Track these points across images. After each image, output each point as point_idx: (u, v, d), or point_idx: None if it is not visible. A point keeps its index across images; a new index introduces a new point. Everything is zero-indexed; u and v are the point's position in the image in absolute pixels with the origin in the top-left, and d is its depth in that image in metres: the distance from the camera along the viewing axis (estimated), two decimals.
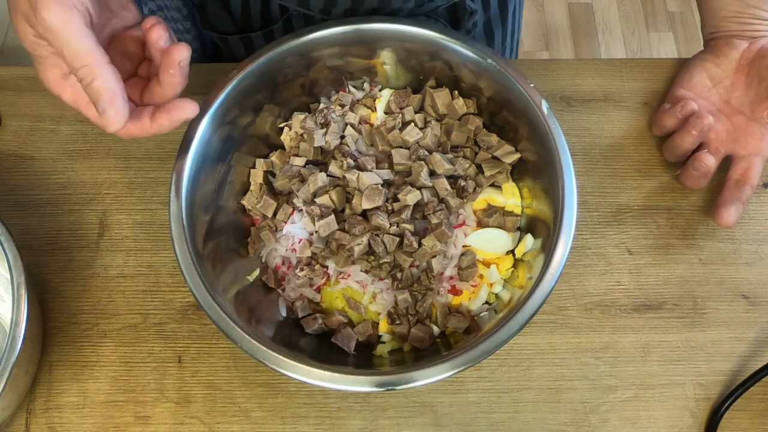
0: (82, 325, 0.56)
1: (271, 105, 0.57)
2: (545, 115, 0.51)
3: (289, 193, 0.56)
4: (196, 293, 0.47)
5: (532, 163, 0.55)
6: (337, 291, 0.55)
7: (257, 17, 0.64)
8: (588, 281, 0.58)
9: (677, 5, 1.79)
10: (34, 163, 0.62)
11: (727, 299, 0.57)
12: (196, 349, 0.55)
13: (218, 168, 0.54)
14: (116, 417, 0.53)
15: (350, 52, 0.57)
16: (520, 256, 0.54)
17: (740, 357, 0.55)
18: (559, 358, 0.55)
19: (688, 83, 0.61)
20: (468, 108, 0.57)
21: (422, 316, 0.53)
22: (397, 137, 0.56)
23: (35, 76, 0.65)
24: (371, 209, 0.53)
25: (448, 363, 0.45)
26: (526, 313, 0.46)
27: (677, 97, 0.61)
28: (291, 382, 0.53)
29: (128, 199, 0.61)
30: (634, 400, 0.54)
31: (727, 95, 0.60)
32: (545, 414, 0.53)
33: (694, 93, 0.61)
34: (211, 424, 0.53)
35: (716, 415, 0.53)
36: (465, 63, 0.55)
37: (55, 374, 0.55)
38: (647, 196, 0.61)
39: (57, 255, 0.58)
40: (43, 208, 0.60)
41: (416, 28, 0.55)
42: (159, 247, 0.59)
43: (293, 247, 0.55)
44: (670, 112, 0.59)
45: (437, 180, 0.54)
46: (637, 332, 0.56)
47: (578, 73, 0.66)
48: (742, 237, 0.59)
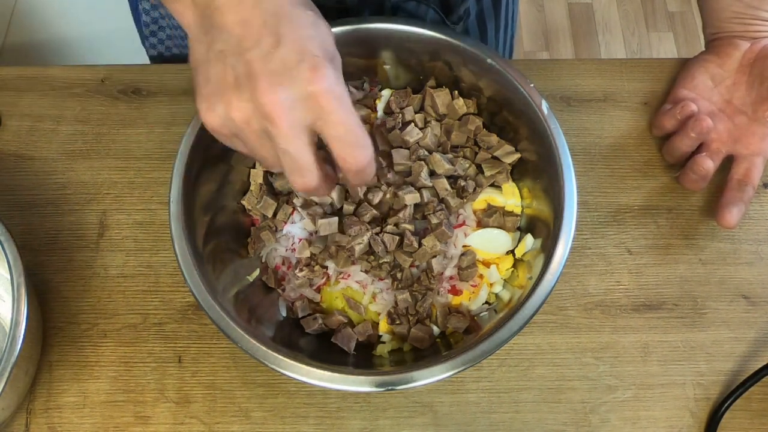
0: (82, 325, 0.56)
1: None
2: (545, 115, 0.51)
3: (289, 193, 0.56)
4: (196, 293, 0.47)
5: (532, 163, 0.55)
6: (337, 291, 0.55)
7: None
8: (588, 281, 0.58)
9: (677, 5, 1.79)
10: (34, 163, 0.62)
11: (727, 299, 0.57)
12: (196, 349, 0.55)
13: (218, 168, 0.54)
14: (116, 417, 0.53)
15: (350, 52, 0.57)
16: (520, 256, 0.54)
17: (740, 357, 0.55)
18: (559, 358, 0.55)
19: (690, 83, 0.61)
20: (468, 108, 0.57)
21: (422, 316, 0.53)
22: (397, 137, 0.56)
23: (35, 76, 0.66)
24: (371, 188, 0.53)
25: (448, 363, 0.45)
26: (526, 313, 0.46)
27: (678, 97, 0.61)
28: (291, 382, 0.53)
29: (128, 199, 0.61)
30: (634, 400, 0.54)
31: (729, 95, 0.60)
32: (545, 414, 0.53)
33: (695, 93, 0.61)
34: (211, 424, 0.53)
35: (716, 415, 0.53)
36: (465, 63, 0.55)
37: (55, 374, 0.55)
38: (647, 196, 0.61)
39: (57, 255, 0.58)
40: (43, 208, 0.60)
41: (416, 28, 0.54)
42: (159, 247, 0.59)
43: (293, 247, 0.55)
44: (670, 113, 0.59)
45: (437, 180, 0.54)
46: (637, 332, 0.56)
47: (578, 73, 0.66)
48: (742, 237, 0.59)
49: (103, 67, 0.66)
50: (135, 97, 0.65)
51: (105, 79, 0.66)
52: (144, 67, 0.67)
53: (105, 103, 0.65)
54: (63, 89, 0.65)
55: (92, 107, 0.64)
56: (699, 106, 0.59)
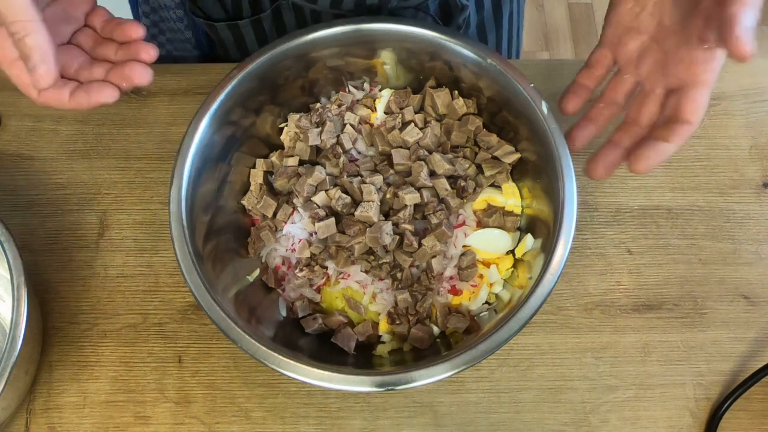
0: (82, 325, 0.56)
1: (271, 105, 0.57)
2: (545, 115, 0.51)
3: (289, 193, 0.56)
4: (196, 293, 0.47)
5: (532, 163, 0.55)
6: (337, 291, 0.55)
7: (247, 5, 0.64)
8: (588, 281, 0.58)
9: None
10: (34, 163, 0.62)
11: (727, 299, 0.57)
12: (196, 349, 0.55)
13: (218, 168, 0.54)
14: (116, 417, 0.53)
15: (350, 52, 0.57)
16: (520, 256, 0.54)
17: (740, 357, 0.55)
18: (559, 358, 0.55)
19: (615, 19, 0.51)
20: (468, 108, 0.57)
21: (422, 316, 0.53)
22: (397, 137, 0.56)
23: None
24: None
25: (448, 363, 0.45)
26: (526, 313, 0.46)
27: (593, 59, 0.53)
28: (291, 382, 0.53)
29: (128, 199, 0.61)
30: (634, 400, 0.54)
31: (659, 14, 0.49)
32: (545, 414, 0.53)
33: (622, 28, 0.51)
34: (211, 424, 0.53)
35: (716, 415, 0.53)
36: (465, 63, 0.55)
37: (55, 374, 0.55)
38: (647, 196, 0.61)
39: (57, 255, 0.58)
40: (43, 208, 0.60)
41: (416, 28, 0.54)
42: (159, 247, 0.59)
43: (293, 247, 0.55)
44: (576, 92, 0.52)
45: (437, 180, 0.54)
46: (637, 332, 0.56)
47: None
48: (742, 237, 0.59)
49: None
50: (135, 97, 0.65)
51: None
52: None
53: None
54: None
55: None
56: (626, 49, 0.50)
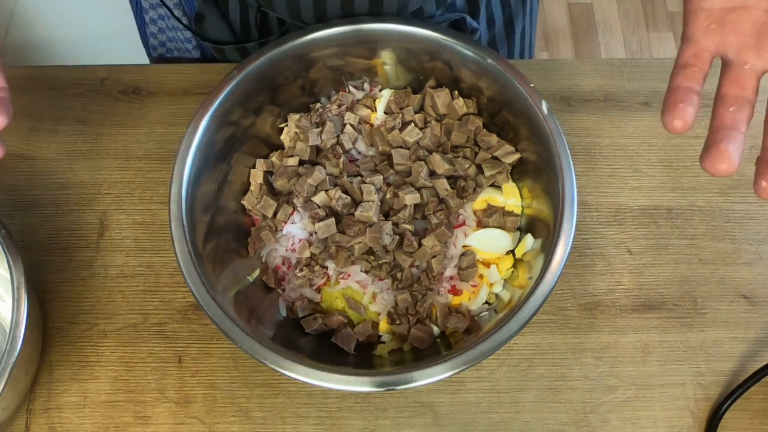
0: (82, 325, 0.56)
1: (271, 105, 0.57)
2: (545, 115, 0.51)
3: (289, 193, 0.56)
4: (196, 293, 0.47)
5: (532, 163, 0.55)
6: (337, 291, 0.55)
7: (255, 29, 0.65)
8: (588, 281, 0.58)
9: (677, 5, 1.79)
10: (34, 163, 0.62)
11: (727, 299, 0.57)
12: (196, 349, 0.55)
13: (218, 168, 0.54)
14: (116, 417, 0.53)
15: (350, 52, 0.57)
16: (520, 256, 0.54)
17: (740, 357, 0.55)
18: (559, 358, 0.55)
19: (705, 2, 0.43)
20: (468, 108, 0.57)
21: (422, 316, 0.53)
22: (397, 137, 0.56)
23: (35, 76, 0.66)
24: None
25: (448, 363, 0.45)
26: (526, 313, 0.46)
27: (687, 57, 0.45)
28: (291, 382, 0.53)
29: (128, 199, 0.61)
30: (634, 400, 0.54)
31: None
32: (545, 414, 0.53)
33: (719, 10, 0.42)
34: (211, 424, 0.53)
35: (716, 415, 0.53)
36: (465, 63, 0.55)
37: (55, 374, 0.55)
38: (647, 196, 0.61)
39: (57, 255, 0.58)
40: (43, 208, 0.60)
41: (416, 28, 0.54)
42: (159, 247, 0.59)
43: (293, 247, 0.55)
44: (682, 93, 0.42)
45: (437, 180, 0.54)
46: (637, 332, 0.56)
47: (578, 73, 0.66)
48: (742, 237, 0.59)
49: (103, 67, 0.66)
50: (135, 97, 0.65)
51: (105, 79, 0.66)
52: (144, 67, 0.67)
53: (105, 103, 0.65)
54: (63, 89, 0.65)
55: (92, 107, 0.64)
56: (736, 32, 0.41)
